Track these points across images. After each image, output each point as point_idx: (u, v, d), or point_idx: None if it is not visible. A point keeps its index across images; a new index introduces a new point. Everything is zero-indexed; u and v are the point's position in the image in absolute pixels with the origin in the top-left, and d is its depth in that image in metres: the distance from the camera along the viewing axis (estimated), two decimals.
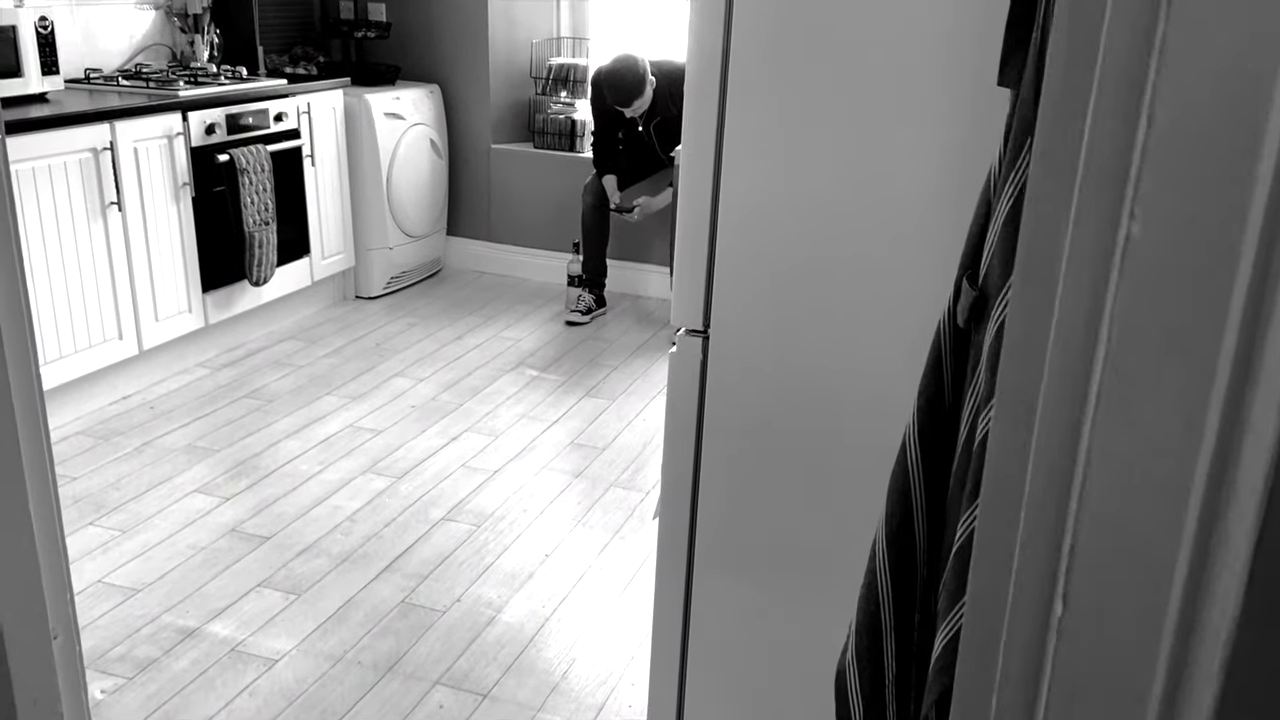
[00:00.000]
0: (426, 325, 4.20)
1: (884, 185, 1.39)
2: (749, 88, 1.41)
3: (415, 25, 4.68)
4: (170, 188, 3.40)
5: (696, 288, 1.52)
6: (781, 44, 1.38)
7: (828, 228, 1.43)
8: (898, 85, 1.35)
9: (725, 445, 1.57)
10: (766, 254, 1.46)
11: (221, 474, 2.93)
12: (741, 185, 1.45)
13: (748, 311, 1.49)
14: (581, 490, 2.94)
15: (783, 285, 1.47)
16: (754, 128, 1.42)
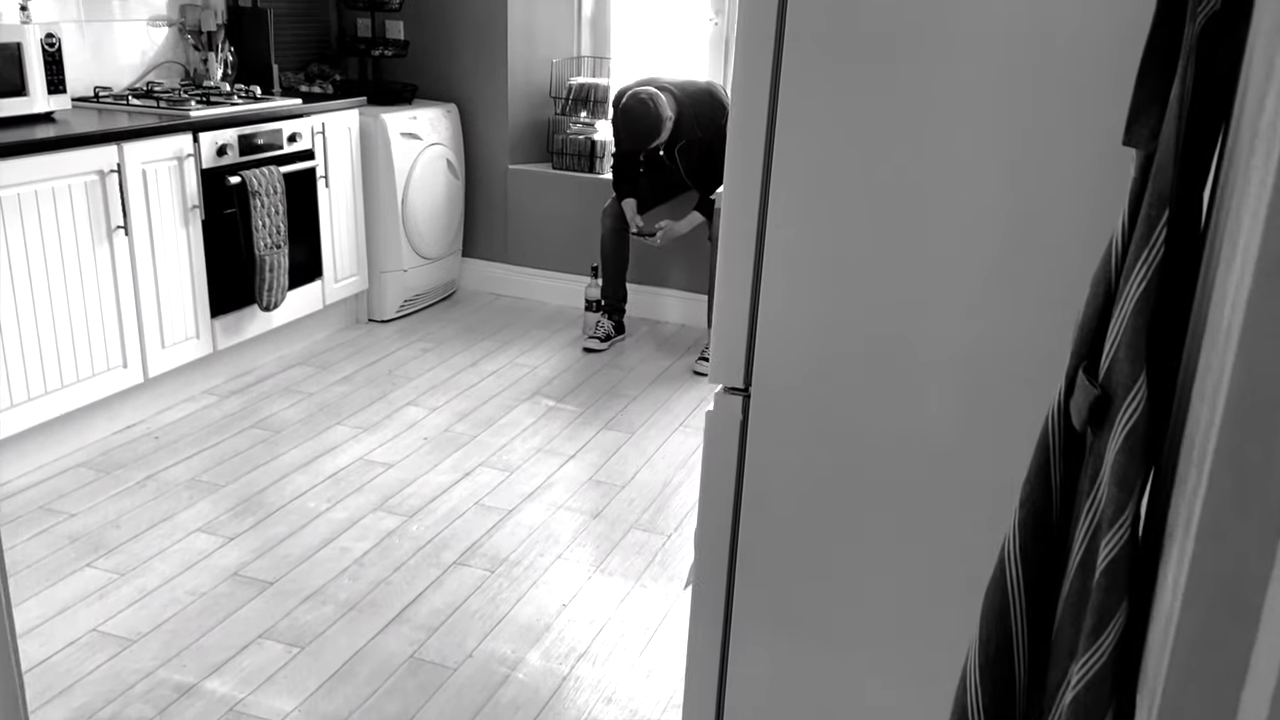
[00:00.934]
0: (440, 351, 4.08)
1: (945, 242, 1.27)
2: (798, 133, 1.29)
3: (433, 44, 4.58)
4: (179, 211, 3.29)
5: (737, 343, 1.39)
6: (835, 86, 1.26)
7: (881, 283, 1.30)
8: (968, 136, 1.22)
9: (767, 511, 1.44)
10: (814, 308, 1.33)
11: (225, 511, 2.81)
12: (788, 236, 1.32)
13: (793, 369, 1.36)
14: (600, 532, 2.80)
15: (831, 342, 1.34)
16: (803, 175, 1.30)
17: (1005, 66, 1.20)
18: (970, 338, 1.29)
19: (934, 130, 1.24)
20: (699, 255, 4.31)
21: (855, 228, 1.30)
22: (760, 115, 1.30)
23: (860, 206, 1.29)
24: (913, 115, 1.24)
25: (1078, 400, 0.74)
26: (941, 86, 1.22)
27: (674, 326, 4.48)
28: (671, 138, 3.88)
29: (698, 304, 4.44)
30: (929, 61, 1.22)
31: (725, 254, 1.37)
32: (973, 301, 1.27)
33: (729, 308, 1.38)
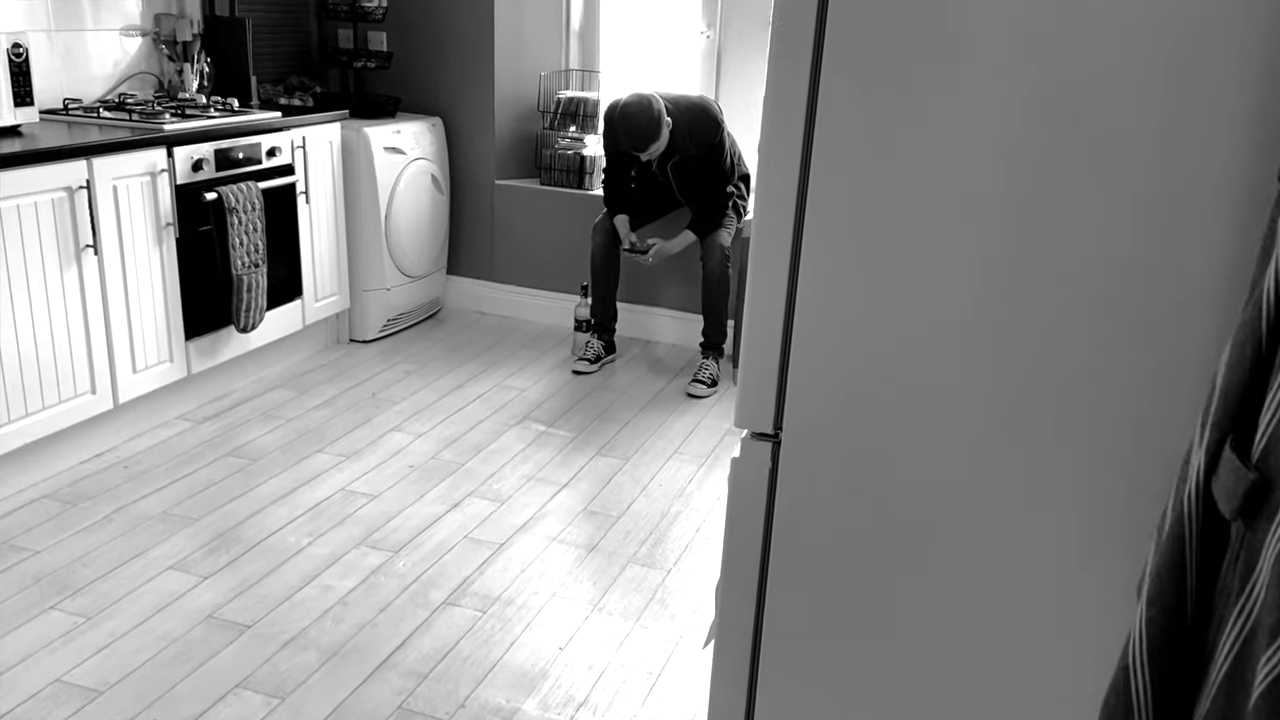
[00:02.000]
0: (425, 373, 3.94)
1: (995, 281, 1.15)
2: (836, 162, 1.17)
3: (417, 55, 4.45)
4: (152, 229, 3.14)
5: (766, 385, 1.27)
6: (878, 114, 1.14)
7: (926, 323, 1.18)
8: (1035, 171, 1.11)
9: (798, 566, 1.32)
10: (853, 349, 1.21)
11: (200, 547, 2.66)
12: (824, 271, 1.20)
13: (829, 414, 1.24)
14: (596, 567, 2.67)
15: (871, 386, 1.22)
16: (841, 208, 1.18)
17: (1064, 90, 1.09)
18: (1023, 384, 1.17)
19: (985, 162, 1.12)
20: (691, 274, 4.19)
21: (897, 263, 1.18)
22: (794, 144, 1.18)
23: (902, 241, 1.17)
24: (960, 146, 1.13)
25: (1226, 483, 0.62)
26: (992, 115, 1.11)
27: (665, 347, 4.36)
28: (665, 153, 3.76)
29: (690, 324, 4.32)
30: (982, 87, 1.11)
31: (755, 289, 1.24)
32: (1028, 346, 1.16)
33: (757, 347, 1.26)
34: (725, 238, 3.88)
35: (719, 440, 3.48)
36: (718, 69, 4.38)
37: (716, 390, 3.90)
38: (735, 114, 4.14)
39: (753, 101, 4.34)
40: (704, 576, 2.65)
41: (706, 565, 2.70)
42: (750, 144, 4.33)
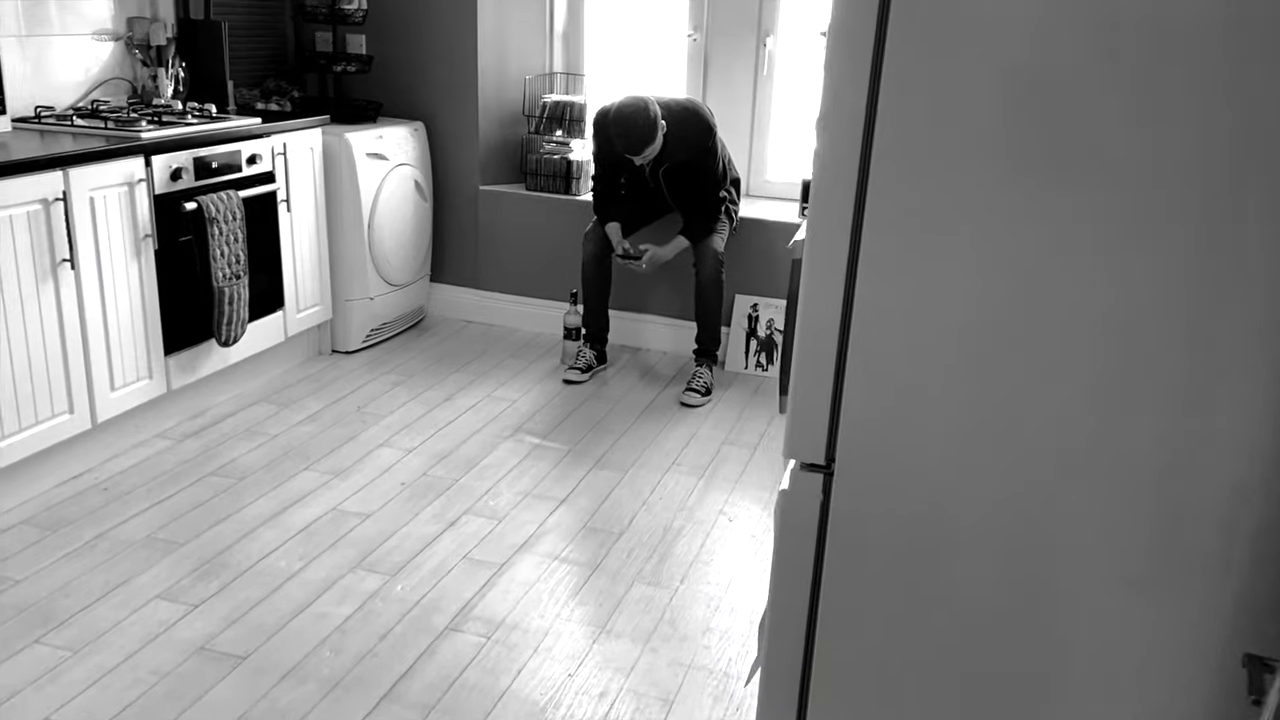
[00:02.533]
0: (411, 384, 3.84)
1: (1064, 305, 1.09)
2: (896, 179, 1.10)
3: (398, 59, 4.35)
4: (131, 241, 3.03)
5: (818, 412, 1.20)
6: (943, 120, 1.07)
7: (992, 348, 1.12)
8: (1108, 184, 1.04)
9: (851, 604, 1.25)
10: (913, 376, 1.15)
11: (187, 574, 2.55)
12: (882, 294, 1.13)
13: (886, 444, 1.17)
14: (601, 587, 2.59)
15: (934, 414, 1.15)
16: (902, 224, 1.11)
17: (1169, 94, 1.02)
18: (1097, 421, 1.11)
19: (1071, 171, 1.06)
20: (683, 280, 4.12)
21: (962, 286, 1.11)
22: (852, 159, 1.11)
23: (967, 263, 1.11)
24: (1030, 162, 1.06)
25: None
26: (1071, 130, 1.05)
27: (656, 354, 4.29)
28: (657, 158, 3.69)
29: (681, 330, 4.25)
30: (1061, 101, 1.04)
31: (807, 314, 1.17)
32: (1098, 376, 1.10)
33: (808, 375, 1.19)
34: (719, 243, 3.81)
35: (717, 451, 3.41)
36: (704, 72, 4.31)
37: (711, 399, 3.83)
38: (722, 117, 4.08)
39: (740, 105, 4.28)
40: (712, 595, 2.58)
41: (714, 583, 2.63)
42: (737, 148, 4.26)
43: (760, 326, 4.11)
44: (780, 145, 4.34)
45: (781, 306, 4.08)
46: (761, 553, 2.79)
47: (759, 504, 3.06)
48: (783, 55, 4.23)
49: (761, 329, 4.11)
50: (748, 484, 3.19)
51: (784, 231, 4.03)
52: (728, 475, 3.24)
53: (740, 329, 4.13)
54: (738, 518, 2.98)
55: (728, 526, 2.92)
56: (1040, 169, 1.07)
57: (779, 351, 4.08)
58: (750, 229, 4.06)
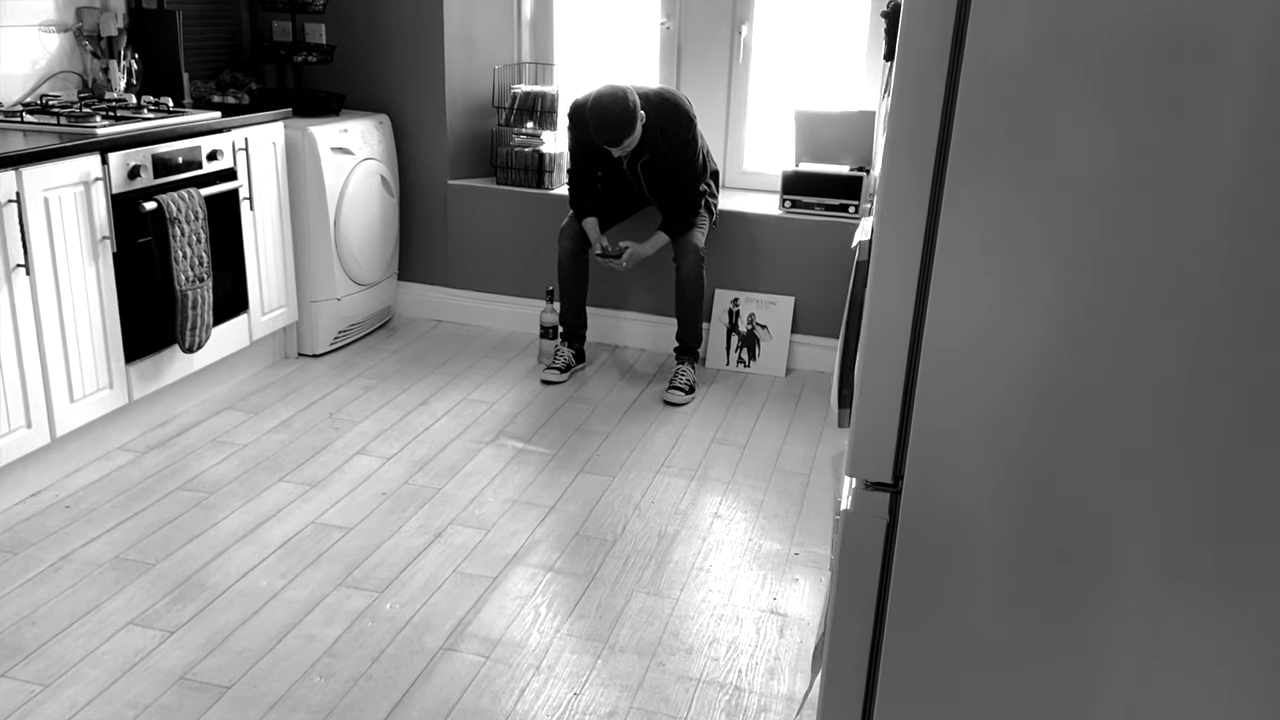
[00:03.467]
0: (384, 388, 3.70)
1: (1160, 312, 1.00)
2: (977, 166, 1.01)
3: (360, 48, 4.19)
4: (88, 244, 2.86)
5: (884, 426, 1.11)
6: (1032, 120, 0.98)
7: (1082, 358, 1.03)
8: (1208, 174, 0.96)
9: (919, 631, 1.16)
10: (991, 386, 1.06)
11: (161, 597, 2.40)
12: (960, 298, 1.04)
13: (961, 462, 1.09)
14: (599, 599, 2.49)
15: (1011, 427, 1.06)
16: (982, 223, 1.02)
17: None
18: (1199, 446, 1.03)
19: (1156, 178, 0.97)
20: (662, 276, 4.02)
21: (1051, 284, 1.02)
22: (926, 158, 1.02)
23: (1054, 257, 1.02)
24: (1130, 164, 0.98)
25: None
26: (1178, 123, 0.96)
27: (635, 352, 4.18)
28: (635, 150, 3.58)
29: (659, 326, 4.15)
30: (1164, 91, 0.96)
31: (875, 317, 1.08)
32: (1203, 391, 1.02)
33: (875, 385, 1.10)
34: (699, 238, 3.71)
35: (705, 450, 3.32)
36: (678, 61, 4.21)
37: (694, 397, 3.74)
38: (697, 107, 3.96)
39: (715, 94, 4.18)
40: (715, 603, 2.48)
41: (716, 590, 2.54)
42: (713, 139, 4.17)
43: (741, 322, 4.02)
44: (757, 136, 4.25)
45: (763, 301, 4.00)
46: (760, 555, 2.71)
47: (753, 505, 2.98)
48: (759, 43, 4.14)
49: (743, 324, 4.02)
50: (740, 485, 3.10)
51: (763, 224, 3.95)
52: (719, 476, 3.15)
53: (721, 324, 4.04)
54: (734, 519, 2.89)
55: (724, 530, 2.83)
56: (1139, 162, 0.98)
57: (759, 346, 4.00)
58: (729, 222, 3.97)
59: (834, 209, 3.90)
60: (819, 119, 3.91)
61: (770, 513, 2.94)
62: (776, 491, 3.07)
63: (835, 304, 3.96)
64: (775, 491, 3.07)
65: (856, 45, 4.04)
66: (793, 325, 4.01)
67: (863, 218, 2.79)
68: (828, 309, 3.97)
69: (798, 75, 4.16)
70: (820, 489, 3.09)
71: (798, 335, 4.02)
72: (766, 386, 3.88)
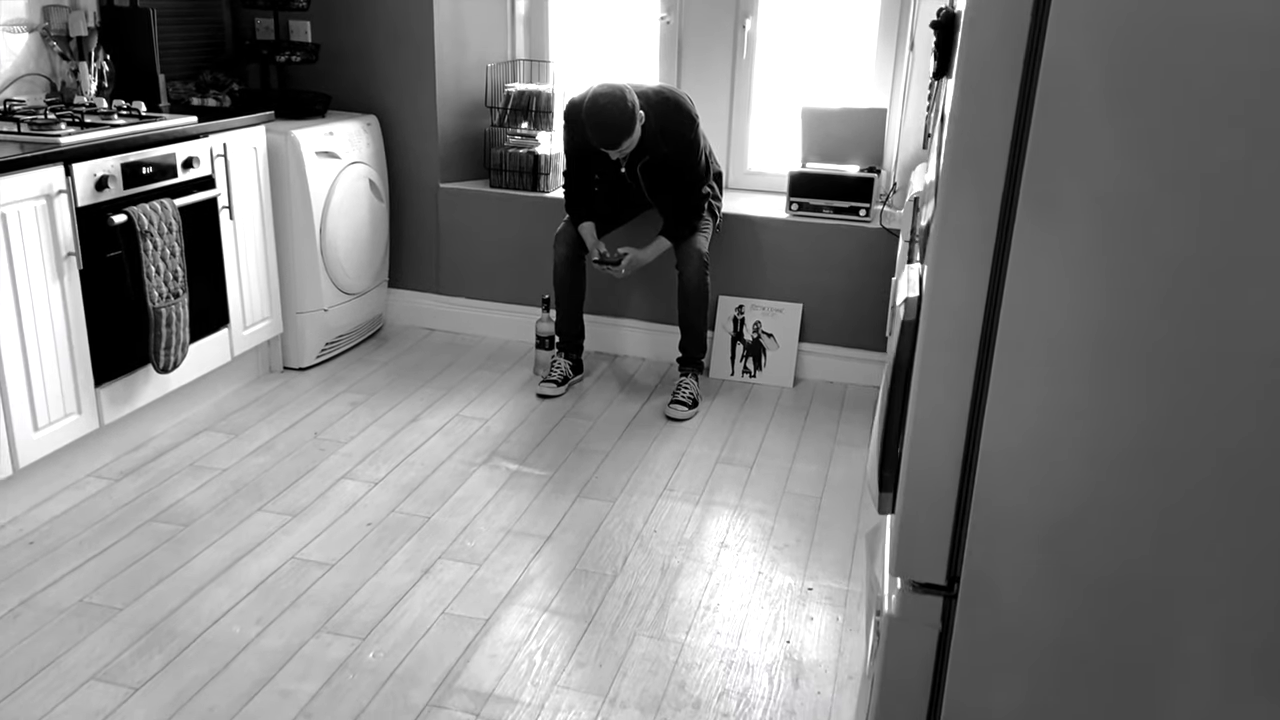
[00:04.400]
0: (373, 404, 3.52)
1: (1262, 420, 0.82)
2: (1055, 212, 0.83)
3: (347, 47, 4.00)
4: (51, 261, 2.68)
5: (937, 517, 0.93)
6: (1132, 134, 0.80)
7: (1178, 439, 0.85)
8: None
9: None
10: (1070, 478, 0.88)
11: (127, 647, 2.23)
12: (1030, 373, 0.86)
13: (1030, 560, 0.91)
14: (599, 644, 2.31)
15: (1097, 520, 0.88)
16: (1059, 281, 0.84)
17: None
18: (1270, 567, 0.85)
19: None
20: (663, 282, 3.84)
21: (1139, 373, 0.84)
22: (990, 201, 0.84)
23: (1148, 342, 0.84)
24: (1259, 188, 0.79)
25: None
26: None
27: (635, 361, 4.00)
28: (635, 152, 3.39)
29: (660, 335, 3.97)
30: None
31: (925, 388, 0.90)
32: None
33: (927, 461, 0.91)
34: (703, 243, 3.53)
35: (710, 471, 3.14)
36: (679, 58, 4.02)
37: (698, 410, 3.56)
38: (699, 105, 3.78)
39: (718, 91, 3.99)
40: (724, 648, 2.31)
41: (724, 633, 2.36)
42: (716, 138, 3.98)
43: (746, 330, 3.84)
44: (762, 135, 4.06)
45: (769, 309, 3.81)
46: (771, 592, 2.53)
47: (762, 532, 2.80)
48: (764, 37, 3.95)
49: (748, 332, 3.84)
50: (748, 509, 2.92)
51: (769, 227, 3.76)
52: (725, 500, 2.97)
53: (725, 333, 3.86)
54: (743, 549, 2.71)
55: (732, 562, 2.66)
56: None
57: (765, 356, 3.82)
58: (733, 225, 3.78)
59: (843, 211, 3.71)
60: (827, 117, 3.73)
61: (780, 541, 2.77)
62: (786, 516, 2.89)
63: (845, 311, 3.78)
64: (785, 516, 2.89)
65: (866, 38, 3.85)
66: (800, 334, 3.83)
67: (901, 266, 2.52)
68: (837, 316, 3.78)
69: (804, 71, 3.96)
70: (833, 514, 2.91)
71: (805, 344, 3.84)
72: (773, 398, 3.70)
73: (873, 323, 3.75)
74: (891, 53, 3.80)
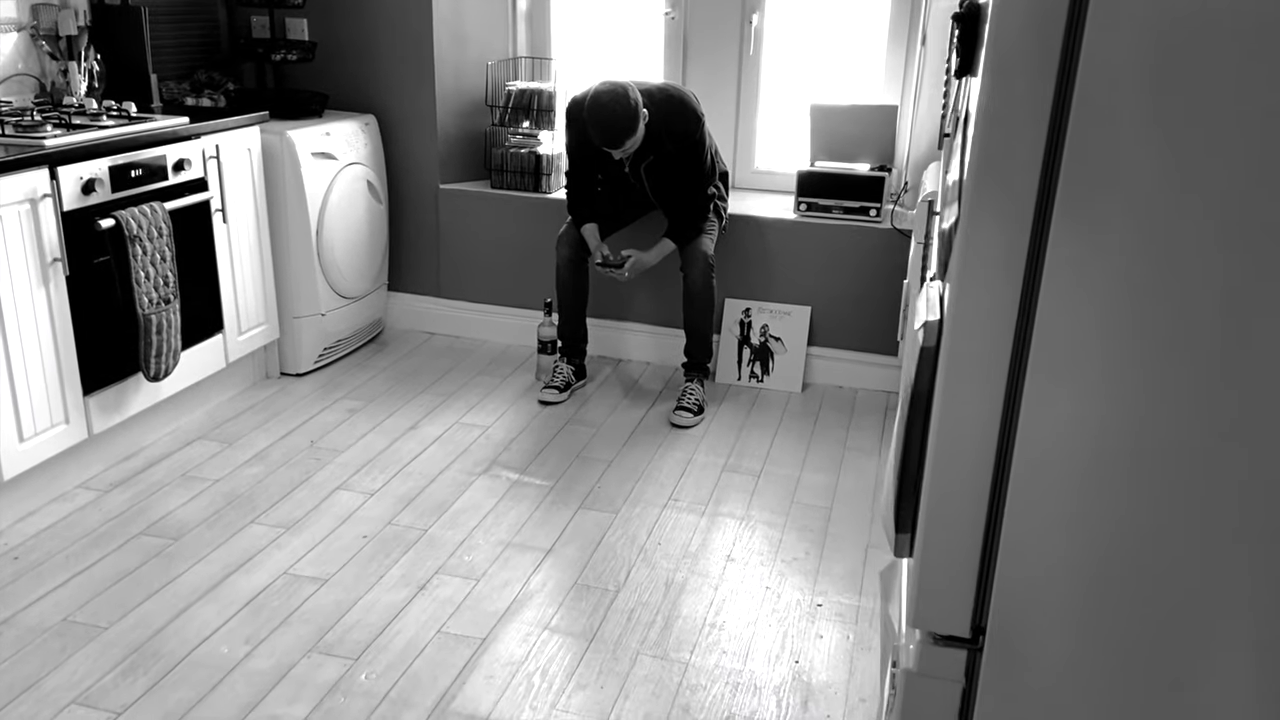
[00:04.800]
0: (371, 411, 3.44)
1: None
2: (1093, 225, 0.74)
3: (344, 45, 3.92)
4: (35, 267, 2.60)
5: (961, 571, 0.83)
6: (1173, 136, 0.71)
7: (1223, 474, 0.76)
8: None
9: None
10: (1107, 519, 0.79)
11: (111, 669, 2.15)
12: (1064, 405, 0.77)
13: (1066, 612, 0.82)
14: (601, 664, 2.22)
15: (1137, 563, 0.79)
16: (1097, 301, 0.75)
17: None
18: None
19: None
20: (668, 284, 3.75)
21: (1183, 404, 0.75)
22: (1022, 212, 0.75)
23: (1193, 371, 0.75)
24: None
25: None
26: None
27: (639, 365, 3.91)
28: (639, 151, 3.30)
29: (665, 338, 3.88)
30: None
31: (948, 413, 0.81)
32: None
33: (948, 503, 0.83)
34: (708, 245, 3.44)
35: (716, 480, 3.05)
36: (684, 54, 3.92)
37: (703, 417, 3.47)
38: (705, 103, 3.69)
39: (724, 88, 3.89)
40: (730, 669, 2.22)
41: (730, 652, 2.27)
42: (722, 136, 3.89)
43: (753, 334, 3.75)
44: (770, 133, 3.97)
45: (777, 312, 3.72)
46: (779, 608, 2.44)
47: (770, 545, 2.71)
48: (771, 33, 3.85)
49: (755, 336, 3.75)
50: (755, 521, 2.83)
51: (776, 228, 3.67)
52: (732, 511, 2.88)
53: (731, 336, 3.77)
54: (750, 562, 2.63)
55: (739, 577, 2.57)
56: None
57: (773, 360, 3.73)
58: (739, 226, 3.69)
59: (853, 211, 3.61)
60: (836, 114, 3.63)
61: (789, 554, 2.68)
62: (795, 528, 2.80)
63: (855, 314, 3.68)
64: (793, 528, 2.80)
65: (877, 33, 3.75)
66: (809, 337, 3.73)
67: (913, 268, 2.42)
68: (846, 319, 3.69)
69: (813, 67, 3.87)
70: (843, 525, 2.82)
71: (814, 348, 3.75)
72: (781, 404, 3.61)
73: (883, 326, 3.66)
74: (903, 48, 3.70)
